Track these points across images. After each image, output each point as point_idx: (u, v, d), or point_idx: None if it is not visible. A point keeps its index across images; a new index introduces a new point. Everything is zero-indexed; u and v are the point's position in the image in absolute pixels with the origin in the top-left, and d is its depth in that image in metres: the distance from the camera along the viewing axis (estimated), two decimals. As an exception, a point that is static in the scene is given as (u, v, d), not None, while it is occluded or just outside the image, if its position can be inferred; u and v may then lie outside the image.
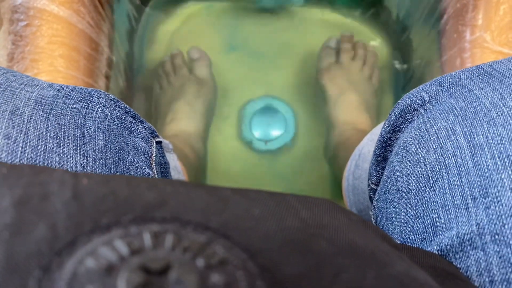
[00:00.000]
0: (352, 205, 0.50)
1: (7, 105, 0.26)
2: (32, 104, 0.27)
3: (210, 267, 0.11)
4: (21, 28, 0.52)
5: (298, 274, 0.12)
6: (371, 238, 0.15)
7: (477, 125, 0.24)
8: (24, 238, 0.12)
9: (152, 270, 0.11)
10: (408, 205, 0.26)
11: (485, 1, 0.55)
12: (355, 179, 0.47)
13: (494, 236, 0.21)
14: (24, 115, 0.26)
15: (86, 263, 0.11)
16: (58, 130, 0.26)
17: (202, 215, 0.13)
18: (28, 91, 0.27)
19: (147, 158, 0.32)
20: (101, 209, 0.13)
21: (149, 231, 0.12)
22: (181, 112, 0.68)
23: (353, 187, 0.48)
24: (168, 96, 0.71)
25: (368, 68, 0.73)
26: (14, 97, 0.26)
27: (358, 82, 0.72)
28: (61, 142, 0.26)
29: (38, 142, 0.25)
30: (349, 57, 0.73)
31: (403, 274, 0.14)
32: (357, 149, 0.49)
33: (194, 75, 0.72)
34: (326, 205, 0.16)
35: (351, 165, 0.49)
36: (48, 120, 0.26)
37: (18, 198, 0.14)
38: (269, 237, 0.13)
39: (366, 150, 0.44)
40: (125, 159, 0.29)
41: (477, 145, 0.23)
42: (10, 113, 0.25)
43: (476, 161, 0.23)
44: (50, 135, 0.26)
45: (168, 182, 0.16)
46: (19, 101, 0.26)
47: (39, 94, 0.28)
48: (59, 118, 0.27)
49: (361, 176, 0.45)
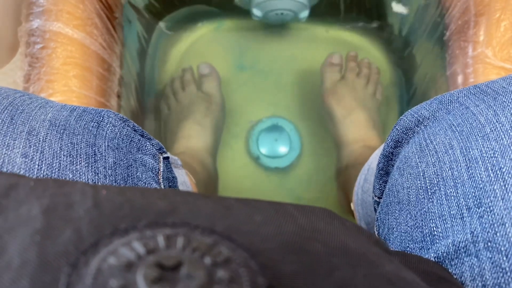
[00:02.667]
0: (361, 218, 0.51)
1: (24, 126, 0.28)
2: (47, 125, 0.28)
3: (216, 265, 0.13)
4: (37, 50, 0.54)
5: (294, 272, 0.14)
6: (364, 242, 0.17)
7: (473, 140, 0.26)
8: (53, 240, 0.14)
9: (165, 266, 0.13)
10: (408, 216, 0.28)
11: (486, 18, 0.57)
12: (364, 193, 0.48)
13: (487, 244, 0.22)
14: (40, 135, 0.28)
15: (109, 261, 0.13)
16: (71, 148, 0.28)
17: (209, 220, 0.15)
18: (43, 112, 0.29)
19: (154, 173, 0.33)
20: (119, 215, 0.15)
21: (162, 234, 0.14)
22: (191, 130, 0.70)
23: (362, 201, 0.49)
24: (177, 115, 0.73)
25: (372, 85, 0.75)
26: (30, 118, 0.28)
27: (364, 99, 0.73)
28: (74, 160, 0.28)
29: (53, 160, 0.27)
30: (354, 75, 0.74)
31: (391, 273, 0.15)
32: (367, 164, 0.51)
33: (203, 91, 0.74)
34: (322, 213, 0.17)
35: (361, 179, 0.51)
36: (62, 140, 0.28)
37: (46, 207, 0.16)
38: (269, 239, 0.15)
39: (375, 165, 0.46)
40: (133, 175, 0.31)
41: (472, 159, 0.25)
42: (27, 133, 0.27)
43: (471, 174, 0.24)
44: (64, 154, 0.28)
45: (177, 193, 0.18)
46: (35, 122, 0.28)
47: (53, 115, 0.29)
48: (72, 137, 0.29)
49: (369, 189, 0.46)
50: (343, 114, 0.71)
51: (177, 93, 0.74)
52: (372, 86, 0.75)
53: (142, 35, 0.72)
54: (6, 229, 0.15)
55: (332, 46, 0.80)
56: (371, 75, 0.75)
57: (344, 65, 0.76)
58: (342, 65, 0.76)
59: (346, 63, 0.76)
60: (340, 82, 0.74)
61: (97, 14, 0.55)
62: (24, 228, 0.15)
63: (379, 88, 0.76)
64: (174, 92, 0.75)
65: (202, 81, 0.75)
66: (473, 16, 0.58)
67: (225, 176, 0.75)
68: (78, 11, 0.53)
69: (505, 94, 0.27)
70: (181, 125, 0.71)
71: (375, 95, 0.75)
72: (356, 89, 0.73)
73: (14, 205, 0.16)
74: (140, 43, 0.72)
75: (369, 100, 0.74)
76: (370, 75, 0.75)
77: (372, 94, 0.75)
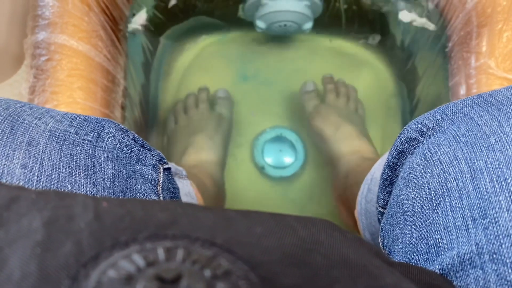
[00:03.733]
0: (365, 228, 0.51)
1: (24, 136, 0.27)
2: (46, 135, 0.28)
3: (216, 277, 0.13)
4: (42, 62, 0.55)
5: (295, 284, 0.14)
6: (364, 254, 0.17)
7: (477, 151, 0.26)
8: (53, 253, 0.14)
9: (165, 279, 0.13)
10: (413, 227, 0.28)
11: (489, 29, 0.57)
12: (367, 203, 0.48)
13: (492, 256, 0.22)
14: (40, 146, 0.27)
15: (109, 274, 0.13)
16: (70, 160, 0.28)
17: (209, 233, 0.15)
18: (43, 123, 0.29)
19: (153, 185, 0.33)
20: (120, 227, 0.15)
21: (162, 247, 0.14)
22: (202, 143, 0.70)
23: (366, 211, 0.49)
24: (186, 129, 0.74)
25: (353, 102, 0.77)
26: (30, 129, 0.28)
27: (348, 114, 0.75)
28: (73, 172, 0.28)
29: (52, 172, 0.27)
30: (334, 95, 0.76)
31: (392, 285, 0.15)
32: (370, 173, 0.50)
33: (216, 111, 0.75)
34: (323, 224, 0.17)
35: (364, 189, 0.51)
36: (61, 151, 0.28)
37: (47, 219, 0.16)
38: (269, 251, 0.15)
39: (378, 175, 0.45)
40: (132, 187, 0.31)
41: (477, 170, 0.25)
42: (27, 144, 0.27)
43: (476, 185, 0.24)
44: (63, 165, 0.28)
45: (178, 204, 0.18)
46: (35, 133, 0.28)
47: (53, 126, 0.29)
48: (71, 148, 0.28)
49: (372, 199, 0.46)
50: (332, 130, 0.72)
51: (189, 109, 0.76)
52: (353, 103, 0.77)
53: (147, 47, 0.73)
54: (7, 242, 0.15)
55: (335, 57, 0.81)
56: (350, 93, 0.77)
57: (323, 88, 0.78)
58: (317, 91, 0.78)
59: (323, 86, 0.78)
60: (321, 104, 0.76)
61: (102, 26, 0.56)
62: (25, 240, 0.15)
63: (359, 105, 0.78)
64: (186, 108, 0.76)
65: (217, 102, 0.76)
66: (476, 27, 0.58)
67: (230, 186, 0.76)
68: (83, 24, 0.54)
69: (510, 104, 0.27)
70: (191, 138, 0.71)
71: (357, 112, 0.77)
72: (339, 107, 0.75)
73: (16, 218, 0.16)
74: (145, 55, 0.72)
75: (353, 116, 0.75)
76: (349, 93, 0.77)
77: (354, 110, 0.76)
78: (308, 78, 0.80)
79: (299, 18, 0.71)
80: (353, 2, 0.75)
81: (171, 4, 0.72)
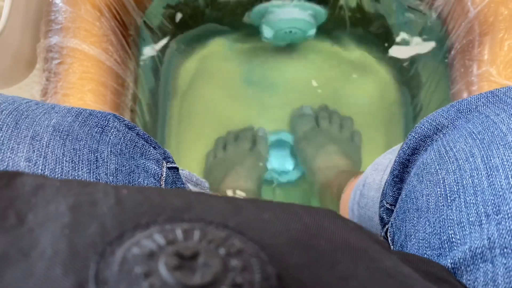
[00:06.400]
0: None
1: (28, 131, 0.28)
2: (50, 130, 0.29)
3: (230, 255, 0.14)
4: (54, 65, 0.56)
5: (300, 263, 0.15)
6: (365, 240, 0.18)
7: (494, 148, 0.26)
8: (81, 233, 0.15)
9: (184, 255, 0.14)
10: (427, 223, 0.28)
11: (490, 37, 0.58)
12: (361, 208, 0.48)
13: (503, 250, 0.22)
14: (43, 140, 0.28)
15: (133, 250, 0.14)
16: (73, 155, 0.28)
17: (222, 217, 0.16)
18: (48, 118, 0.30)
19: (156, 179, 0.33)
20: (140, 212, 0.17)
21: (180, 228, 0.15)
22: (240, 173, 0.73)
23: (359, 215, 0.49)
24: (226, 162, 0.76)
25: (347, 131, 0.77)
26: (34, 123, 0.29)
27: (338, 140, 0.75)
28: (76, 166, 0.28)
29: (55, 166, 0.28)
30: (327, 122, 0.77)
31: (390, 267, 0.16)
32: (360, 180, 0.51)
33: (257, 149, 0.77)
34: (326, 213, 0.19)
35: (355, 195, 0.51)
36: (65, 146, 0.29)
37: (72, 204, 0.17)
38: (276, 235, 0.16)
39: (371, 179, 0.46)
40: (135, 182, 0.31)
41: (493, 167, 0.25)
42: (31, 138, 0.28)
43: (491, 181, 0.25)
44: (66, 160, 0.28)
45: (190, 193, 0.19)
46: (39, 128, 0.29)
47: (57, 121, 0.30)
48: (75, 143, 0.29)
49: (367, 204, 0.46)
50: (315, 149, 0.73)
51: (229, 144, 0.78)
52: (347, 131, 0.77)
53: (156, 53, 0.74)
54: (38, 224, 0.16)
55: (339, 63, 0.82)
56: (344, 121, 0.78)
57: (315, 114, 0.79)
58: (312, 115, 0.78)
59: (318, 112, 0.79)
60: (312, 129, 0.76)
61: (112, 31, 0.57)
62: (53, 222, 0.16)
63: (356, 134, 0.78)
64: (226, 143, 0.78)
65: (257, 141, 0.78)
66: (478, 36, 0.59)
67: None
68: (94, 29, 0.56)
69: None
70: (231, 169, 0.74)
71: (353, 140, 0.77)
72: (330, 132, 0.76)
73: (43, 203, 0.18)
74: (154, 60, 0.74)
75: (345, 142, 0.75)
76: (343, 121, 0.77)
77: (348, 138, 0.76)
78: (311, 83, 0.81)
79: (304, 25, 0.72)
80: (356, 10, 0.76)
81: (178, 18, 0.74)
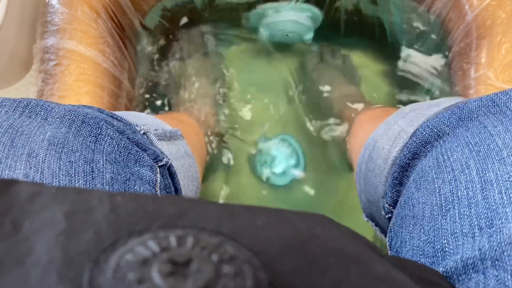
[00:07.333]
0: (362, 191, 0.51)
1: (24, 148, 0.29)
2: (45, 145, 0.29)
3: (222, 261, 0.14)
4: (51, 67, 0.56)
5: (293, 270, 0.15)
6: (358, 246, 0.18)
7: (489, 162, 0.26)
8: (76, 240, 0.16)
9: (177, 262, 0.14)
10: (421, 231, 0.28)
11: (488, 41, 0.58)
12: (369, 171, 0.47)
13: (494, 262, 0.23)
14: (39, 156, 0.29)
15: (126, 257, 0.14)
16: (69, 168, 0.29)
17: (215, 224, 0.16)
18: (42, 132, 0.30)
19: (151, 186, 0.34)
20: (134, 219, 0.17)
21: (173, 235, 0.15)
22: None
23: (365, 177, 0.48)
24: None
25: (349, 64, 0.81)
26: (30, 140, 0.29)
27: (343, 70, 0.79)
28: (72, 179, 0.29)
29: (52, 180, 0.28)
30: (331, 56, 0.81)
31: (382, 273, 0.17)
32: (371, 138, 0.49)
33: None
34: (320, 219, 0.19)
35: (365, 153, 0.50)
36: (60, 159, 0.29)
37: (67, 211, 0.18)
38: (269, 242, 0.16)
39: (381, 145, 0.45)
40: (130, 190, 0.32)
41: (488, 181, 0.26)
42: (27, 155, 0.28)
43: (485, 195, 0.25)
44: (62, 173, 0.29)
45: (184, 199, 0.19)
46: (34, 144, 0.29)
47: (51, 134, 0.30)
48: (70, 155, 0.30)
49: (374, 169, 0.45)
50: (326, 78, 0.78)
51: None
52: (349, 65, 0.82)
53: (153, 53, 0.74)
54: (33, 231, 0.17)
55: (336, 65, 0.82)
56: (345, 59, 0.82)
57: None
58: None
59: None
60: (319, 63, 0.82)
61: (109, 33, 0.57)
62: (49, 230, 0.16)
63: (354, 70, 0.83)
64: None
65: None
66: (475, 39, 0.60)
67: (230, 192, 0.77)
68: (91, 30, 0.56)
69: None
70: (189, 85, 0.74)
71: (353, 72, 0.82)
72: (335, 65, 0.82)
73: (39, 210, 0.18)
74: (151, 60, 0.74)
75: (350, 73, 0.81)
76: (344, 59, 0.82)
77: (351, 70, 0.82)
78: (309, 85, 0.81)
79: (300, 29, 0.73)
80: (353, 13, 0.77)
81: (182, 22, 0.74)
